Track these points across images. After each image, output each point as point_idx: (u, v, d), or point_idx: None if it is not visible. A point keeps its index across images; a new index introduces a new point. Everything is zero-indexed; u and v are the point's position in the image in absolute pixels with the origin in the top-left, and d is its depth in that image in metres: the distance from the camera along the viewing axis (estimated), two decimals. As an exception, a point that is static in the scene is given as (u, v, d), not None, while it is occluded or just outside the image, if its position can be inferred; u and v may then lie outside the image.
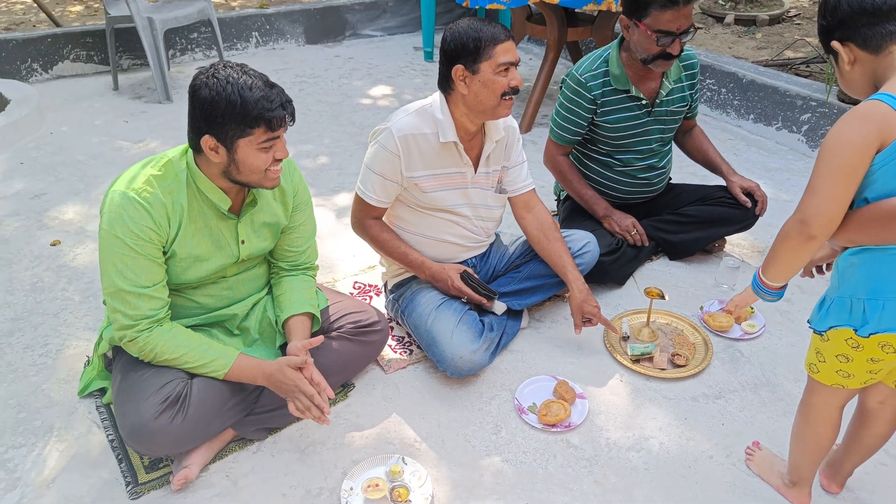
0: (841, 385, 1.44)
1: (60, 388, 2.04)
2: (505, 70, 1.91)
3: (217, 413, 1.71)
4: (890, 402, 1.53)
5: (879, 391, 1.52)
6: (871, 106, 1.22)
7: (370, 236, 2.15)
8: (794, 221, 1.30)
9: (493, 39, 1.89)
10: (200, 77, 1.56)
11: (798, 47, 4.82)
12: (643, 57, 2.31)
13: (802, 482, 1.68)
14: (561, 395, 2.00)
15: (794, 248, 1.32)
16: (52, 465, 1.79)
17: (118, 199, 1.61)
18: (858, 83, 1.31)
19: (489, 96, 1.93)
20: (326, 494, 1.72)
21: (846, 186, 1.24)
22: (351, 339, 1.96)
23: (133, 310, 1.63)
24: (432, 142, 2.01)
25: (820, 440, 1.58)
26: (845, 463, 1.69)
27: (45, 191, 3.22)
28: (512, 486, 1.75)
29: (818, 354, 1.45)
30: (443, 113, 2.00)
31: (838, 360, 1.40)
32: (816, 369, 1.46)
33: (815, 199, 1.26)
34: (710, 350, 2.21)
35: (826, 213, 1.25)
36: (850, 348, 1.36)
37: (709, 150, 2.68)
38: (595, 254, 2.32)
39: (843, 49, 1.29)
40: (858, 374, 1.40)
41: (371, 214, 2.13)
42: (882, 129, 1.20)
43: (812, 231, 1.27)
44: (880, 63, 1.26)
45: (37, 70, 4.60)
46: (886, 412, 1.55)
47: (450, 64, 1.94)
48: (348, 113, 4.18)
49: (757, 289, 1.48)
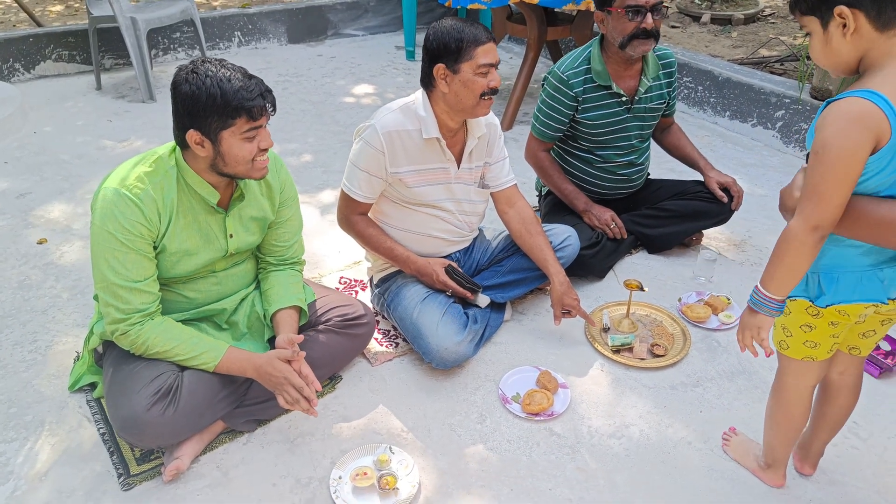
0: (811, 357, 1.51)
1: (50, 384, 2.06)
2: (485, 71, 1.96)
3: (208, 405, 1.75)
4: (849, 371, 1.62)
5: (839, 361, 1.60)
6: (864, 108, 1.19)
7: (356, 232, 2.19)
8: (805, 229, 1.28)
9: (474, 41, 1.94)
10: (181, 73, 1.60)
11: (772, 46, 4.93)
12: (620, 41, 2.38)
13: (777, 464, 1.75)
14: (544, 384, 2.05)
15: (805, 252, 1.30)
16: (44, 459, 1.81)
17: (110, 195, 1.64)
18: (844, 56, 1.24)
19: (469, 96, 1.98)
20: (316, 483, 1.76)
21: (848, 190, 1.25)
22: (338, 332, 2.00)
23: (125, 304, 1.66)
24: (416, 138, 2.06)
25: (792, 421, 1.65)
26: (815, 441, 1.76)
27: (31, 190, 3.22)
28: (496, 474, 1.80)
29: (784, 330, 1.51)
30: (425, 110, 2.05)
31: (803, 330, 1.47)
32: (786, 345, 1.53)
33: (827, 207, 1.26)
34: (689, 340, 2.28)
35: (834, 216, 1.27)
36: (811, 316, 1.44)
37: (686, 146, 2.75)
38: (576, 247, 2.38)
39: (849, 14, 1.19)
40: (823, 342, 1.47)
41: (357, 210, 2.17)
42: (877, 133, 1.20)
43: (824, 233, 1.28)
44: (881, 44, 1.20)
45: (19, 70, 4.57)
46: (847, 381, 1.63)
47: (432, 62, 1.99)
48: (332, 112, 4.21)
49: (760, 306, 1.39)
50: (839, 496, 1.75)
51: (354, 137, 2.14)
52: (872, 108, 1.18)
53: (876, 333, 1.52)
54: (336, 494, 1.70)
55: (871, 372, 2.12)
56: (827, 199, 1.25)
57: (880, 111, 1.18)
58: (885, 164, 1.24)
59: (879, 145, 1.21)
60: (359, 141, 2.10)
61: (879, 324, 1.49)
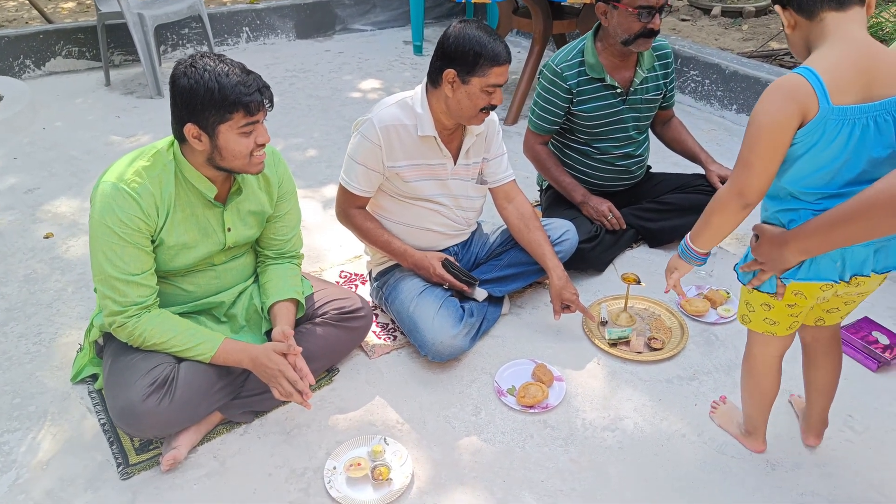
0: (771, 332, 1.58)
1: (54, 375, 2.10)
2: (492, 90, 1.97)
3: (204, 396, 1.78)
4: (820, 337, 1.68)
5: (809, 330, 1.67)
6: (794, 82, 1.27)
7: (354, 225, 2.21)
8: (730, 193, 1.40)
9: (493, 60, 1.93)
10: (179, 68, 1.62)
11: (782, 38, 4.88)
12: (624, 38, 2.37)
13: (756, 431, 1.83)
14: (539, 377, 2.06)
15: (729, 216, 1.43)
16: (46, 448, 1.85)
17: (108, 189, 1.67)
18: (798, 47, 1.38)
19: (469, 107, 2.00)
20: (311, 474, 1.79)
21: (775, 161, 1.34)
22: (335, 324, 2.02)
23: (122, 296, 1.69)
24: (412, 133, 2.07)
25: (764, 390, 1.73)
26: (812, 410, 1.81)
27: (39, 185, 3.28)
28: (490, 465, 1.82)
29: (747, 305, 1.59)
30: (422, 107, 2.06)
31: (763, 308, 1.54)
32: (748, 319, 1.61)
33: (750, 174, 1.35)
34: (686, 334, 2.28)
35: (760, 186, 1.36)
36: (769, 296, 1.51)
37: (687, 139, 2.74)
38: (574, 241, 2.38)
39: (783, 13, 1.36)
40: (782, 320, 1.54)
41: (355, 204, 2.19)
42: (802, 107, 1.27)
43: (748, 200, 1.38)
44: (813, 29, 1.32)
45: (30, 66, 4.64)
46: (821, 346, 1.69)
47: (444, 65, 1.98)
48: (338, 107, 4.23)
49: (686, 255, 1.58)
50: (833, 489, 1.75)
51: (353, 131, 2.16)
52: (801, 82, 1.26)
53: (840, 311, 1.58)
54: (330, 484, 1.73)
55: (869, 365, 2.11)
56: (752, 167, 1.34)
57: (808, 85, 1.26)
58: (816, 139, 1.29)
59: (807, 118, 1.28)
60: (356, 135, 2.11)
61: (843, 304, 1.55)
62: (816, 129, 1.28)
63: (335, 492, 1.71)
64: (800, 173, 1.34)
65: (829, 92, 1.25)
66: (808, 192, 1.36)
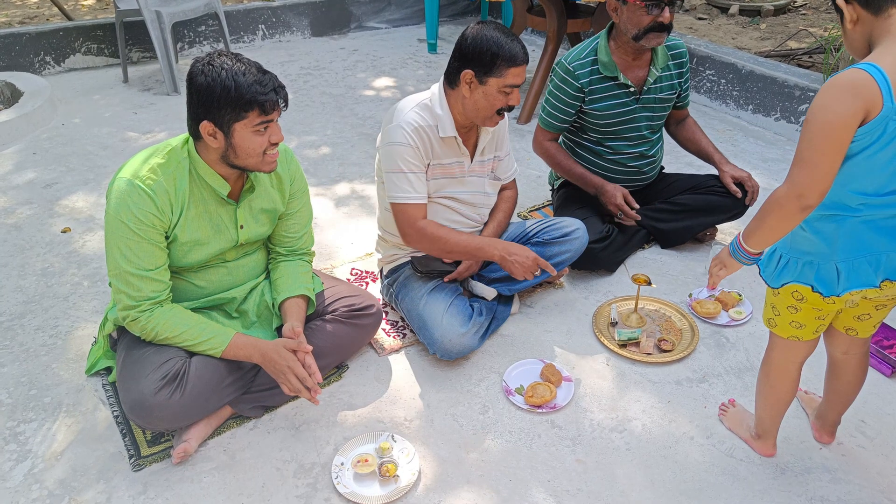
0: (796, 337, 1.56)
1: (69, 368, 2.14)
2: (509, 91, 1.98)
3: (214, 390, 1.80)
4: (852, 351, 1.65)
5: (841, 342, 1.64)
6: (859, 78, 1.22)
7: (431, 238, 2.10)
8: (789, 194, 1.31)
9: (510, 60, 1.94)
10: (197, 65, 1.64)
11: (801, 38, 4.83)
12: (635, 33, 2.37)
13: (767, 434, 1.81)
14: (547, 377, 2.06)
15: (787, 217, 1.34)
16: (60, 439, 1.89)
17: (123, 185, 1.69)
18: (858, 43, 1.33)
19: (486, 108, 2.01)
20: (318, 469, 1.80)
21: (838, 161, 1.27)
22: (345, 321, 2.04)
23: (136, 291, 1.71)
24: (434, 134, 2.08)
25: (780, 395, 1.71)
26: (829, 413, 1.81)
27: (57, 180, 3.32)
28: (496, 464, 1.82)
29: (773, 308, 1.56)
30: (442, 108, 2.07)
31: (789, 311, 1.52)
32: (774, 323, 1.58)
33: (813, 174, 1.27)
34: (697, 336, 2.27)
35: (821, 186, 1.28)
36: (796, 300, 1.49)
37: (701, 140, 2.72)
38: (584, 241, 2.37)
39: (846, 7, 1.31)
40: (808, 324, 1.52)
41: (421, 215, 2.12)
42: (867, 103, 1.22)
43: (808, 202, 1.30)
44: (878, 25, 1.28)
45: (49, 63, 4.70)
46: (851, 360, 1.67)
47: (462, 65, 1.99)
48: (351, 104, 4.25)
49: (737, 255, 1.49)
50: (843, 494, 1.73)
51: (379, 148, 2.13)
52: (865, 77, 1.22)
53: (871, 317, 1.55)
54: (337, 480, 1.74)
55: (884, 371, 2.09)
56: (815, 167, 1.27)
57: (873, 81, 1.21)
58: (874, 139, 1.25)
59: (869, 116, 1.23)
60: (388, 146, 2.06)
61: (874, 308, 1.52)
62: (876, 128, 1.24)
63: (342, 487, 1.72)
64: (849, 175, 1.30)
65: (893, 90, 1.21)
66: (854, 195, 1.32)
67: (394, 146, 2.05)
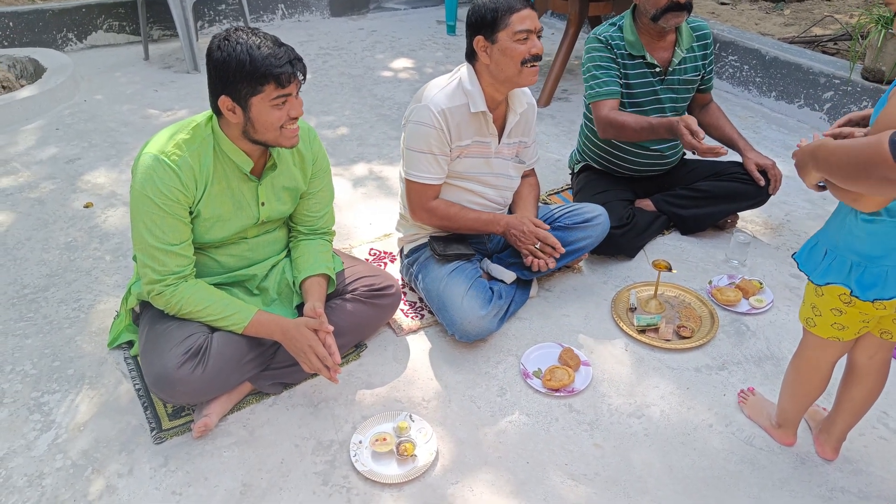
0: (837, 338, 1.51)
1: (91, 340, 2.16)
2: (523, 37, 1.96)
3: (235, 366, 1.81)
4: (878, 355, 1.59)
5: (870, 345, 1.57)
6: None
7: (439, 216, 2.17)
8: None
9: (508, 9, 1.95)
10: (214, 41, 1.65)
11: (826, 24, 4.74)
12: (653, 13, 2.35)
13: (788, 424, 1.80)
14: (566, 361, 2.06)
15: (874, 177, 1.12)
16: (83, 411, 1.91)
17: (150, 161, 1.70)
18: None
19: (509, 64, 1.99)
20: (337, 447, 1.82)
21: None
22: (364, 301, 2.04)
23: (161, 266, 1.73)
24: (464, 112, 2.08)
25: (810, 391, 1.68)
26: (837, 425, 1.74)
27: (79, 156, 3.35)
28: (513, 446, 1.83)
29: (814, 309, 1.51)
30: (472, 84, 2.06)
31: (833, 313, 1.47)
32: (813, 323, 1.53)
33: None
34: (717, 323, 2.25)
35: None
36: (843, 304, 1.43)
37: (725, 126, 2.68)
38: (605, 226, 2.36)
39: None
40: (852, 325, 1.47)
41: (432, 195, 2.16)
42: None
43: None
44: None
45: (72, 40, 4.72)
46: (875, 365, 1.61)
47: (472, 36, 2.02)
48: (370, 85, 4.23)
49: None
50: (863, 486, 1.72)
51: (405, 124, 2.15)
52: None
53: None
54: (356, 458, 1.75)
55: (906, 363, 2.07)
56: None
57: None
58: None
59: None
60: (412, 126, 2.08)
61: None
62: None
63: (360, 465, 1.74)
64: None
65: None
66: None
67: (419, 126, 2.06)
